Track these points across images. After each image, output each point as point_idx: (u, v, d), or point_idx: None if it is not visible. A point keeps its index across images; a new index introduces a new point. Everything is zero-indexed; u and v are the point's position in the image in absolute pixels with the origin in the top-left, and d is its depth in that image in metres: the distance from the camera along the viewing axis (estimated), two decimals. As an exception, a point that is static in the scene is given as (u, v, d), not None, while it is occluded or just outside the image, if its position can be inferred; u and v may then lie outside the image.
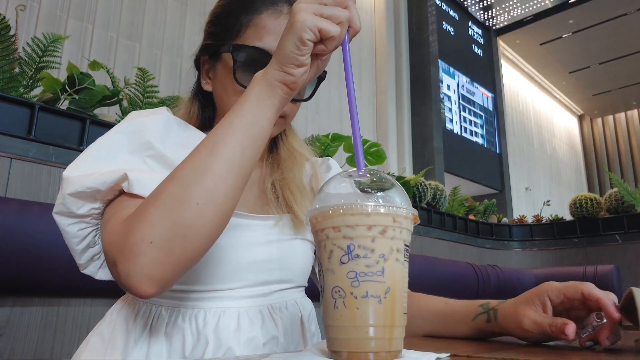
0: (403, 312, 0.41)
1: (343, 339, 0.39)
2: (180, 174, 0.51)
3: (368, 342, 0.39)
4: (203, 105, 0.77)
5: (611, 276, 3.14)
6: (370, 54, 6.49)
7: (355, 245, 0.39)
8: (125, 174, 0.56)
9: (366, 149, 2.54)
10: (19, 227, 1.11)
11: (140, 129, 0.63)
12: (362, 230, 0.39)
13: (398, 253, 0.40)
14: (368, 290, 0.38)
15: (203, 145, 0.52)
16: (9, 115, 1.31)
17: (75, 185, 0.56)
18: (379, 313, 0.39)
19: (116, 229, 0.53)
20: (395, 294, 0.39)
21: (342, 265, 0.39)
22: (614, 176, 3.45)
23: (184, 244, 0.49)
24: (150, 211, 0.50)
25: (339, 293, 0.39)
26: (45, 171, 1.33)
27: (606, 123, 12.76)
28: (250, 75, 0.63)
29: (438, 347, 0.58)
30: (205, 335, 0.61)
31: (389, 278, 0.39)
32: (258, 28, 0.68)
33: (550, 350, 0.54)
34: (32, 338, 1.20)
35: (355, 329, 0.39)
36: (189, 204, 0.49)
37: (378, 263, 0.39)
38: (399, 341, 0.40)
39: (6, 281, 1.11)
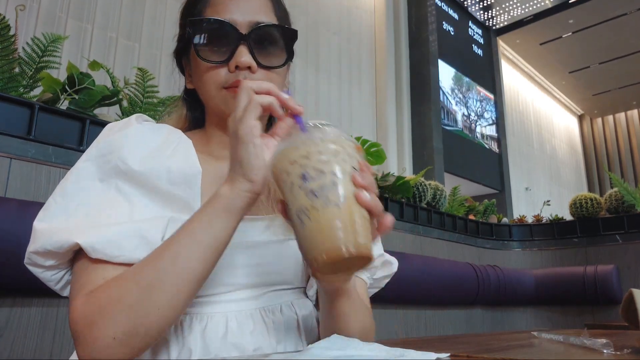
0: (362, 214, 0.47)
1: (318, 249, 0.46)
2: (143, 276, 0.53)
3: (337, 240, 0.45)
4: (191, 106, 0.77)
5: (611, 276, 3.14)
6: (370, 54, 6.48)
7: (309, 173, 0.46)
8: (76, 243, 0.55)
9: (366, 149, 2.54)
10: (19, 227, 1.11)
11: (110, 151, 0.61)
12: (315, 157, 0.47)
13: (346, 171, 0.47)
14: (327, 200, 0.46)
15: (165, 252, 0.54)
16: (8, 115, 1.31)
17: (35, 245, 0.56)
18: (340, 214, 0.45)
19: (79, 309, 0.54)
20: (349, 199, 0.46)
21: (302, 189, 0.46)
22: (614, 176, 3.45)
23: (144, 339, 0.53)
24: (114, 310, 0.52)
25: (304, 213, 0.46)
26: (44, 171, 1.33)
27: (606, 123, 12.75)
28: (214, 50, 0.65)
29: (438, 347, 0.58)
30: (190, 342, 0.60)
31: (343, 188, 0.46)
32: (214, 4, 0.68)
33: (550, 350, 0.54)
34: (32, 339, 1.20)
35: (324, 234, 0.45)
36: (150, 309, 0.52)
37: (331, 180, 0.46)
38: (364, 237, 0.46)
39: (6, 281, 1.11)
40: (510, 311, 3.45)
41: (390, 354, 0.53)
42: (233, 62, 0.65)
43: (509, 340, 0.64)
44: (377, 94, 6.40)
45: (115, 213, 0.58)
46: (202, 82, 0.68)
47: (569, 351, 0.53)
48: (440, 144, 6.58)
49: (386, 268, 0.77)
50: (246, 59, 0.64)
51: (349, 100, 5.96)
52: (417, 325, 2.63)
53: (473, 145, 7.81)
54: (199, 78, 0.69)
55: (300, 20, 5.57)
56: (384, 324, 2.40)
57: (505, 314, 3.42)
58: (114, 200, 0.59)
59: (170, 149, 0.64)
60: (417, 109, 6.64)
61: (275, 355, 0.55)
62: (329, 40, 5.90)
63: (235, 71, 0.65)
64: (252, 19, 0.66)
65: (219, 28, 0.65)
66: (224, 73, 0.66)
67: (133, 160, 0.60)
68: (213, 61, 0.65)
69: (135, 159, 0.60)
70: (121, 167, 0.60)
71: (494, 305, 3.28)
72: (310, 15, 5.73)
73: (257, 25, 0.66)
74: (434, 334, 2.74)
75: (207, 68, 0.66)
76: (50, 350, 1.22)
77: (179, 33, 0.75)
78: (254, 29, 0.66)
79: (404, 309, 2.54)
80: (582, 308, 3.30)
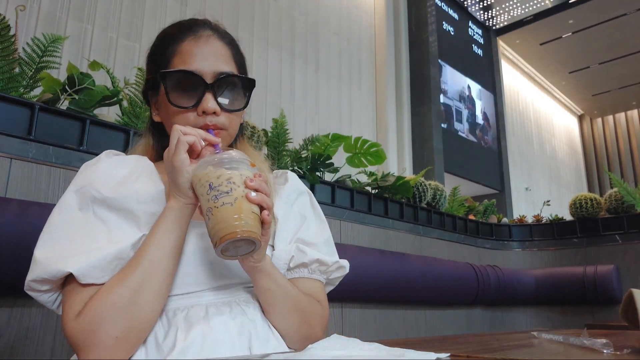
0: (251, 210, 0.64)
1: (217, 235, 0.62)
2: (129, 280, 0.65)
3: (230, 227, 0.62)
4: (159, 136, 0.86)
5: (611, 276, 3.14)
6: (369, 54, 6.48)
7: (212, 183, 0.64)
8: (69, 272, 0.64)
9: (366, 149, 2.53)
10: (19, 227, 1.11)
11: (85, 184, 0.72)
12: (217, 172, 0.65)
13: (239, 180, 0.65)
14: (223, 201, 0.63)
15: (143, 258, 0.67)
16: (8, 116, 1.31)
17: (33, 274, 0.66)
18: (233, 210, 0.63)
19: (74, 326, 0.64)
20: (240, 200, 0.63)
21: (208, 195, 0.64)
22: (614, 176, 3.45)
23: (139, 333, 0.65)
24: (111, 314, 0.63)
25: (210, 211, 0.63)
26: (45, 171, 1.33)
27: (606, 123, 12.75)
28: (184, 96, 0.76)
29: (438, 347, 0.58)
30: (176, 322, 0.69)
31: (235, 192, 0.64)
32: (182, 54, 0.78)
33: (550, 350, 0.54)
34: (32, 339, 1.20)
35: (222, 224, 0.62)
36: (141, 304, 0.65)
37: (227, 187, 0.64)
38: (250, 225, 0.63)
39: (6, 281, 1.11)
40: (510, 311, 3.45)
41: (390, 354, 0.53)
42: (200, 108, 0.75)
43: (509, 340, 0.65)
44: (377, 94, 6.40)
45: (95, 238, 0.69)
46: (172, 121, 0.77)
47: (569, 351, 0.53)
48: (440, 144, 6.58)
49: (340, 270, 0.87)
50: (211, 105, 0.75)
51: (349, 100, 5.96)
52: (417, 325, 2.63)
53: (473, 145, 7.81)
54: (169, 118, 0.79)
55: (300, 20, 5.58)
56: (384, 324, 2.40)
57: (505, 314, 3.42)
58: (93, 224, 0.70)
59: (135, 175, 0.75)
60: (417, 109, 6.64)
61: (275, 355, 0.55)
62: (329, 40, 5.90)
63: (202, 115, 0.76)
64: (216, 69, 0.77)
65: (188, 78, 0.76)
66: (192, 116, 0.76)
67: (105, 189, 0.71)
68: (183, 107, 0.76)
69: (107, 188, 0.71)
70: (96, 195, 0.71)
71: (494, 305, 3.28)
72: (310, 15, 5.73)
73: (220, 75, 0.77)
74: (434, 334, 2.74)
75: (177, 111, 0.76)
76: (50, 351, 1.22)
77: (147, 76, 0.85)
78: (218, 78, 0.77)
79: (404, 309, 2.54)
80: (582, 308, 3.30)
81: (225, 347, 0.67)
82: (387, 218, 2.61)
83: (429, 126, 6.52)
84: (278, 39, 5.24)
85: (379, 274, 2.23)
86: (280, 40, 5.26)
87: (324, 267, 0.83)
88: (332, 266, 0.84)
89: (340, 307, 2.17)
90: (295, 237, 0.83)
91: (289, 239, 0.82)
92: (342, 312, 2.17)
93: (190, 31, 0.80)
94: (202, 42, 0.78)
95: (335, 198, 2.33)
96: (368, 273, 2.18)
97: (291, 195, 0.87)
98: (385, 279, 2.26)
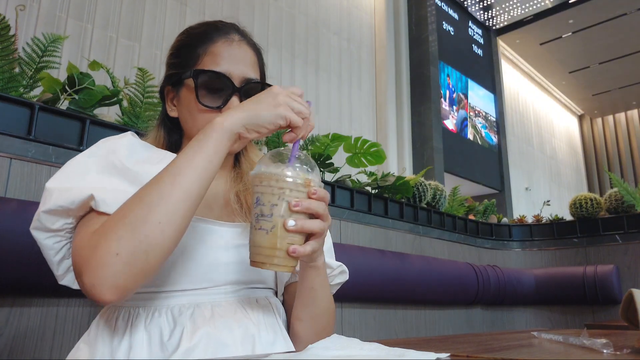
0: (286, 242, 0.60)
1: (250, 256, 0.62)
2: (145, 196, 0.59)
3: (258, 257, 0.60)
4: (170, 130, 0.86)
5: (611, 276, 3.14)
6: (370, 54, 6.48)
7: (260, 199, 0.60)
8: (92, 195, 0.62)
9: (366, 149, 2.53)
10: (19, 227, 1.11)
11: (107, 152, 0.70)
12: (267, 189, 0.60)
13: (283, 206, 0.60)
14: (262, 225, 0.60)
15: (166, 174, 0.61)
16: (8, 115, 1.31)
17: (48, 204, 0.63)
18: (267, 240, 0.60)
19: (84, 241, 0.60)
20: (277, 229, 0.60)
21: (254, 208, 0.61)
22: (614, 176, 3.45)
23: (146, 257, 0.57)
24: (118, 227, 0.57)
25: (251, 226, 0.61)
26: (45, 171, 1.33)
27: (606, 123, 12.75)
28: (211, 96, 0.76)
29: (438, 347, 0.58)
30: (182, 322, 0.67)
31: (275, 220, 0.60)
32: (214, 55, 0.78)
33: (550, 350, 0.54)
34: (32, 338, 1.20)
35: (253, 249, 0.61)
36: (152, 223, 0.58)
37: (269, 210, 0.60)
38: (278, 260, 0.60)
39: (6, 281, 1.11)
40: (510, 311, 3.45)
41: (390, 354, 0.53)
42: (226, 109, 0.76)
43: (509, 340, 0.65)
44: (377, 94, 6.40)
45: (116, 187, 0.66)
46: (194, 119, 0.78)
47: (569, 351, 0.53)
48: (440, 144, 6.58)
49: (342, 275, 0.87)
50: None
51: (349, 100, 5.96)
52: (417, 325, 2.63)
53: (473, 145, 7.81)
54: (190, 114, 0.79)
55: (300, 20, 5.58)
56: (384, 324, 2.40)
57: (505, 314, 3.42)
58: (107, 188, 0.66)
59: (157, 159, 0.74)
60: (417, 108, 6.64)
61: (275, 355, 0.55)
62: (329, 40, 5.90)
63: None
64: (245, 75, 0.78)
65: (218, 79, 0.76)
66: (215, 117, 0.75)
67: (128, 161, 0.69)
68: (210, 106, 0.76)
69: (130, 160, 0.69)
70: (117, 164, 0.68)
71: (494, 305, 3.28)
72: (310, 15, 5.73)
73: (248, 81, 0.78)
74: (434, 334, 2.74)
75: (201, 110, 0.77)
76: (50, 350, 1.22)
77: (170, 71, 0.83)
78: (245, 84, 0.78)
79: (404, 309, 2.54)
80: (582, 308, 3.30)
81: (229, 350, 0.67)
82: (387, 218, 2.61)
83: (429, 126, 6.52)
84: (278, 39, 5.24)
85: (379, 274, 2.23)
86: (280, 40, 5.26)
87: (328, 270, 0.83)
88: (336, 269, 0.84)
89: (340, 307, 2.17)
90: None
91: None
92: (341, 312, 2.17)
93: (221, 32, 0.81)
94: (234, 46, 0.80)
95: (335, 198, 2.33)
96: (368, 273, 2.18)
97: None
98: (385, 279, 2.26)
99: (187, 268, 0.70)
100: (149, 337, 0.66)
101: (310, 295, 0.74)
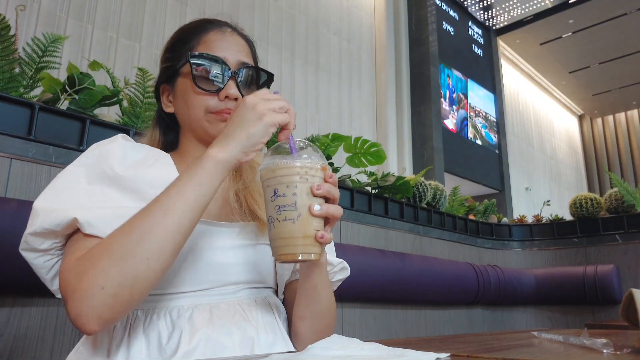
0: (313, 229, 0.60)
1: (276, 249, 0.60)
2: (134, 229, 0.58)
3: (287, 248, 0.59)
4: (166, 129, 0.86)
5: (611, 276, 3.14)
6: (370, 54, 6.48)
7: (278, 190, 0.59)
8: (76, 218, 0.61)
9: (366, 149, 2.53)
10: (19, 227, 1.11)
11: (98, 160, 0.69)
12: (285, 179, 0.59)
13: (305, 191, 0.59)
14: (286, 216, 0.58)
15: (157, 205, 0.59)
16: (8, 115, 1.31)
17: (34, 226, 0.62)
18: (294, 229, 0.59)
19: (70, 265, 0.59)
20: (303, 217, 0.59)
21: (272, 202, 0.60)
22: (614, 176, 3.45)
23: (131, 291, 0.57)
24: (104, 259, 0.57)
25: (271, 220, 0.60)
26: (45, 171, 1.33)
27: (606, 123, 12.75)
28: (207, 80, 0.76)
29: (438, 347, 0.58)
30: (180, 324, 0.67)
31: (299, 207, 0.59)
32: (207, 43, 0.80)
33: (550, 350, 0.54)
34: (32, 338, 1.20)
35: (280, 242, 0.59)
36: (140, 258, 0.57)
37: (291, 200, 0.59)
38: (309, 248, 0.59)
39: (6, 281, 1.11)
40: (511, 311, 3.45)
41: (390, 354, 0.53)
42: (223, 93, 0.77)
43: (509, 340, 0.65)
44: (377, 94, 6.40)
45: (105, 201, 0.65)
46: (191, 105, 0.78)
47: (569, 351, 0.53)
48: (440, 144, 6.58)
49: (343, 272, 0.86)
50: (234, 91, 0.77)
51: (349, 100, 5.96)
52: (417, 325, 2.63)
53: (473, 145, 7.81)
54: (186, 102, 0.79)
55: (300, 20, 5.58)
56: (384, 324, 2.40)
57: (506, 314, 3.42)
58: (93, 206, 0.64)
59: (151, 161, 0.73)
60: (417, 108, 6.64)
61: (275, 355, 0.55)
62: (329, 40, 5.90)
63: (224, 100, 0.77)
64: (240, 59, 0.80)
65: (213, 63, 0.77)
66: (213, 101, 0.77)
67: (119, 167, 0.68)
68: (207, 90, 0.76)
69: (121, 167, 0.68)
70: (108, 172, 0.67)
71: (494, 305, 3.28)
72: (310, 15, 5.73)
73: (243, 65, 0.79)
74: (434, 334, 2.74)
75: (198, 94, 0.77)
76: (50, 350, 1.22)
77: (164, 65, 0.84)
78: (241, 68, 0.79)
79: (404, 309, 2.54)
80: (582, 308, 3.30)
81: (227, 352, 0.67)
82: (387, 218, 2.61)
83: (429, 126, 6.52)
84: (278, 39, 5.24)
85: (379, 273, 2.23)
86: (280, 40, 5.26)
87: (329, 267, 0.82)
88: (337, 266, 0.84)
89: (340, 306, 2.17)
90: None
91: None
92: (341, 312, 2.17)
93: (214, 24, 0.83)
94: (227, 35, 0.82)
95: (335, 198, 2.33)
96: (368, 273, 2.18)
97: None
98: (385, 279, 2.26)
99: (185, 270, 0.70)
100: (148, 340, 0.66)
101: (313, 293, 0.73)
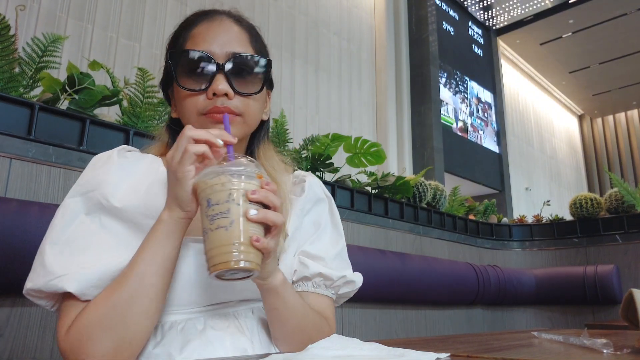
0: (249, 235, 0.56)
1: (210, 261, 0.56)
2: (118, 300, 0.61)
3: (220, 257, 0.55)
4: (174, 134, 0.81)
5: (611, 276, 3.14)
6: (370, 54, 6.48)
7: (211, 200, 0.57)
8: (62, 287, 0.62)
9: (366, 149, 2.53)
10: (19, 227, 1.11)
11: (93, 188, 0.69)
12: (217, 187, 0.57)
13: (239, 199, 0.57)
14: (219, 224, 0.56)
15: (132, 274, 0.62)
16: (8, 115, 1.31)
17: (33, 285, 0.64)
18: (227, 237, 0.56)
19: (65, 340, 0.62)
20: (237, 223, 0.56)
21: (205, 212, 0.57)
22: (614, 176, 3.45)
23: (130, 347, 0.61)
24: (98, 332, 0.60)
25: (205, 231, 0.57)
26: (45, 171, 1.33)
27: (606, 123, 12.75)
28: (193, 79, 0.71)
29: (438, 347, 0.58)
30: (171, 336, 0.67)
31: (233, 214, 0.56)
32: (193, 37, 0.74)
33: (550, 350, 0.54)
34: (32, 338, 1.20)
35: (214, 251, 0.56)
36: (130, 322, 0.61)
37: (225, 207, 0.56)
38: (247, 256, 0.56)
39: (6, 281, 1.11)
40: (511, 311, 3.45)
41: (390, 354, 0.53)
42: (210, 90, 0.70)
43: (509, 340, 0.65)
44: (377, 94, 6.40)
45: (99, 250, 0.66)
46: (183, 109, 0.73)
47: (569, 351, 0.53)
48: (440, 144, 6.58)
49: (348, 285, 0.82)
50: (222, 87, 0.70)
51: (349, 100, 5.96)
52: (417, 325, 2.63)
53: (473, 145, 7.81)
54: (181, 106, 0.74)
55: (300, 20, 5.57)
56: (384, 324, 2.40)
57: (506, 314, 3.42)
58: (99, 235, 0.67)
59: (147, 183, 0.71)
60: (417, 108, 6.64)
61: (275, 356, 0.55)
62: (329, 40, 5.90)
63: (213, 98, 0.71)
64: (229, 50, 0.72)
65: (197, 59, 0.71)
66: (202, 100, 0.71)
67: (113, 198, 0.68)
68: (192, 89, 0.71)
69: (115, 197, 0.68)
70: (103, 203, 0.68)
71: (494, 305, 3.28)
72: (310, 15, 5.73)
73: (233, 56, 0.72)
74: (434, 334, 2.74)
75: (186, 95, 0.72)
76: (50, 350, 1.22)
77: (163, 67, 0.80)
78: (230, 59, 0.72)
79: (404, 309, 2.54)
80: (582, 308, 3.30)
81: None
82: (387, 218, 2.61)
83: (429, 126, 6.52)
84: (278, 39, 5.24)
85: (379, 274, 2.23)
86: (280, 40, 5.26)
87: (328, 282, 0.78)
88: (337, 281, 0.79)
89: (340, 306, 2.17)
90: (300, 249, 0.79)
91: (294, 251, 0.78)
92: (342, 312, 2.17)
93: (205, 16, 0.77)
94: (215, 24, 0.75)
95: (335, 198, 2.33)
96: (368, 273, 2.17)
97: (306, 206, 0.82)
98: (385, 279, 2.26)
99: (182, 290, 0.68)
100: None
101: (274, 315, 0.70)
